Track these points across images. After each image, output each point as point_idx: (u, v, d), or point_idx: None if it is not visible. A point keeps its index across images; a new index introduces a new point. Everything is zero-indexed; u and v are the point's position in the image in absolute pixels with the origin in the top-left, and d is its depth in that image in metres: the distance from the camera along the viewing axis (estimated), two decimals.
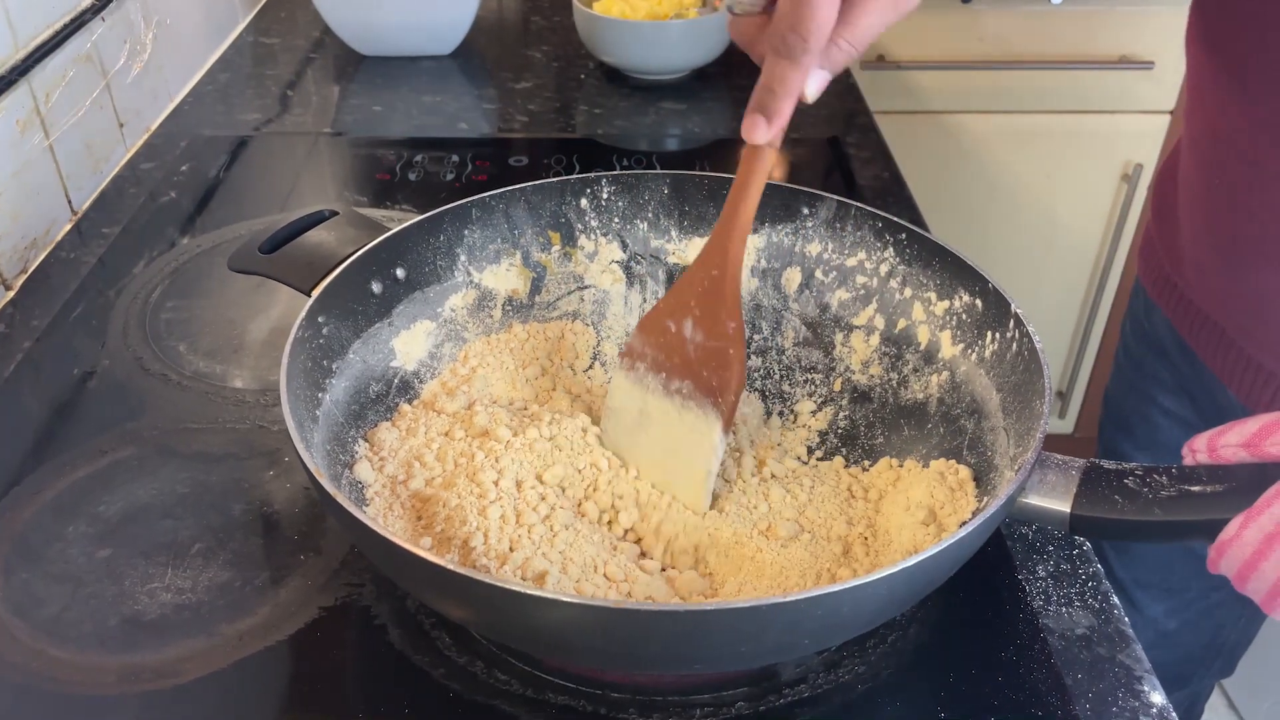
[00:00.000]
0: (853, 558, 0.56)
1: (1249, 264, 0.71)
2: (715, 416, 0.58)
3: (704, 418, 0.58)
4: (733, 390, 0.58)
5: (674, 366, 0.59)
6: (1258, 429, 0.46)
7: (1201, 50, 0.72)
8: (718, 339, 0.58)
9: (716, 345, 0.58)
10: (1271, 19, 0.63)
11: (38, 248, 0.88)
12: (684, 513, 0.58)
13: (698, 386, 0.59)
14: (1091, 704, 0.53)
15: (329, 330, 0.61)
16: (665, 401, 0.60)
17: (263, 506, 0.64)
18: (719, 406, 0.58)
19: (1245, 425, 0.46)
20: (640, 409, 0.61)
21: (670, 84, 1.22)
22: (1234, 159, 0.69)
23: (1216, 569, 0.46)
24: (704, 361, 0.58)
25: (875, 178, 1.02)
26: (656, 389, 0.60)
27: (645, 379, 0.60)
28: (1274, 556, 0.43)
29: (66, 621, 0.57)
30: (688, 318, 0.58)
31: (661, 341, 0.60)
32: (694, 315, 0.58)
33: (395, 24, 1.23)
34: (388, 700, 0.53)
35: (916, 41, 1.53)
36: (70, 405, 0.73)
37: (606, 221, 0.72)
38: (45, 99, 0.89)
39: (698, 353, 0.59)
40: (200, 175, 1.02)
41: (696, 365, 0.59)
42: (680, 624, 0.43)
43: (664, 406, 0.60)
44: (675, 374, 0.59)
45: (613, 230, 0.72)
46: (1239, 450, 0.46)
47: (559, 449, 0.60)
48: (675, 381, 0.59)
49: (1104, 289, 1.72)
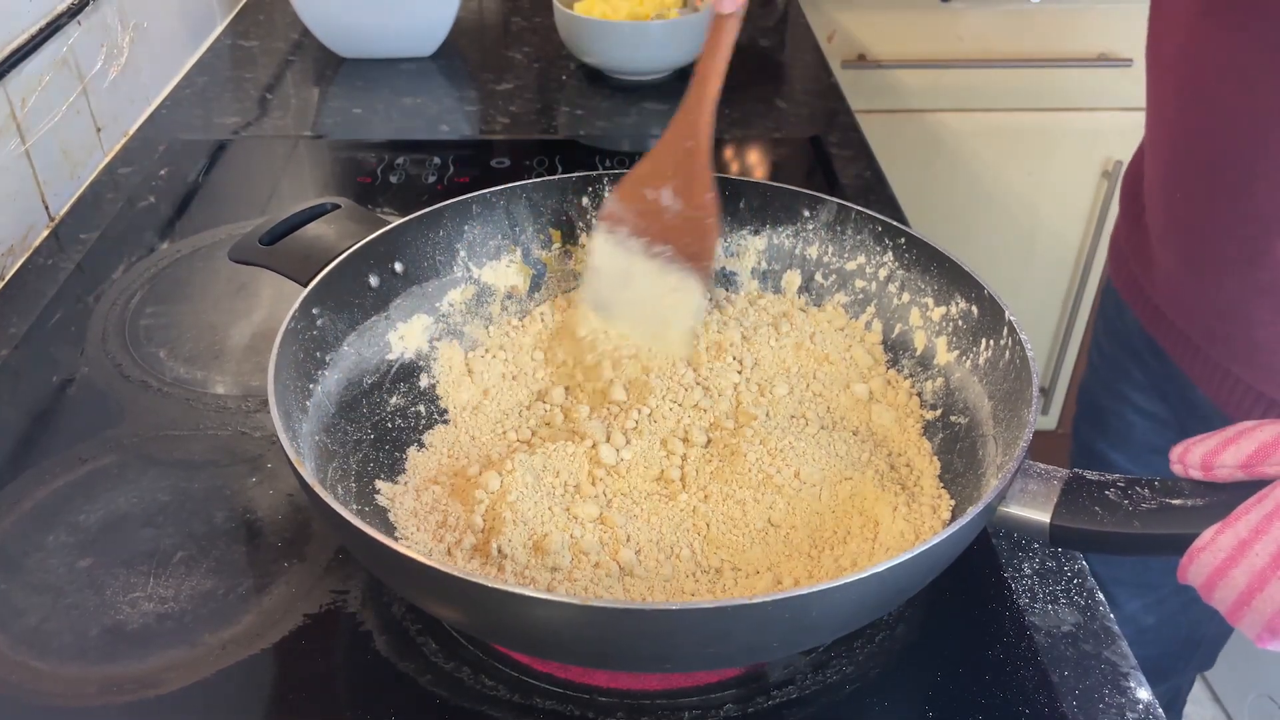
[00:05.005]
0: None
1: (1214, 275, 0.70)
2: (697, 279, 0.63)
3: (685, 280, 0.64)
4: (711, 256, 0.63)
5: (655, 231, 0.64)
6: (1255, 449, 0.44)
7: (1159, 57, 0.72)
8: (696, 209, 0.63)
9: (694, 216, 0.63)
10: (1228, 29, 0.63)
11: (15, 254, 0.87)
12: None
13: (679, 251, 0.63)
14: (1078, 701, 0.53)
15: (323, 322, 0.61)
16: (648, 263, 0.64)
17: (245, 513, 0.64)
18: (699, 270, 0.63)
19: (1239, 445, 0.45)
20: (624, 269, 0.65)
21: (652, 84, 1.21)
22: (1194, 169, 0.69)
23: (1185, 577, 0.45)
24: (683, 229, 0.63)
25: (857, 177, 1.02)
26: (639, 251, 0.64)
27: (627, 242, 0.65)
28: (1244, 563, 0.42)
29: (47, 632, 0.56)
30: (666, 186, 0.63)
31: (641, 208, 0.64)
32: (673, 184, 0.63)
33: (375, 26, 1.22)
34: (374, 707, 0.53)
35: (897, 40, 1.54)
36: (49, 413, 0.72)
37: None
38: (21, 104, 0.88)
39: (676, 220, 0.63)
40: (179, 180, 1.01)
41: (676, 232, 0.63)
42: (645, 623, 0.42)
43: (647, 267, 0.64)
44: (656, 238, 0.64)
45: None
46: (1235, 471, 0.45)
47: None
48: (657, 245, 0.64)
49: (1085, 285, 1.73)
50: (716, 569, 0.54)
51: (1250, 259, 0.66)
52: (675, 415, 0.62)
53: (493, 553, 0.53)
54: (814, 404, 0.64)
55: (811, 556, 0.54)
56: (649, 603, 0.43)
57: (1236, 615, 0.43)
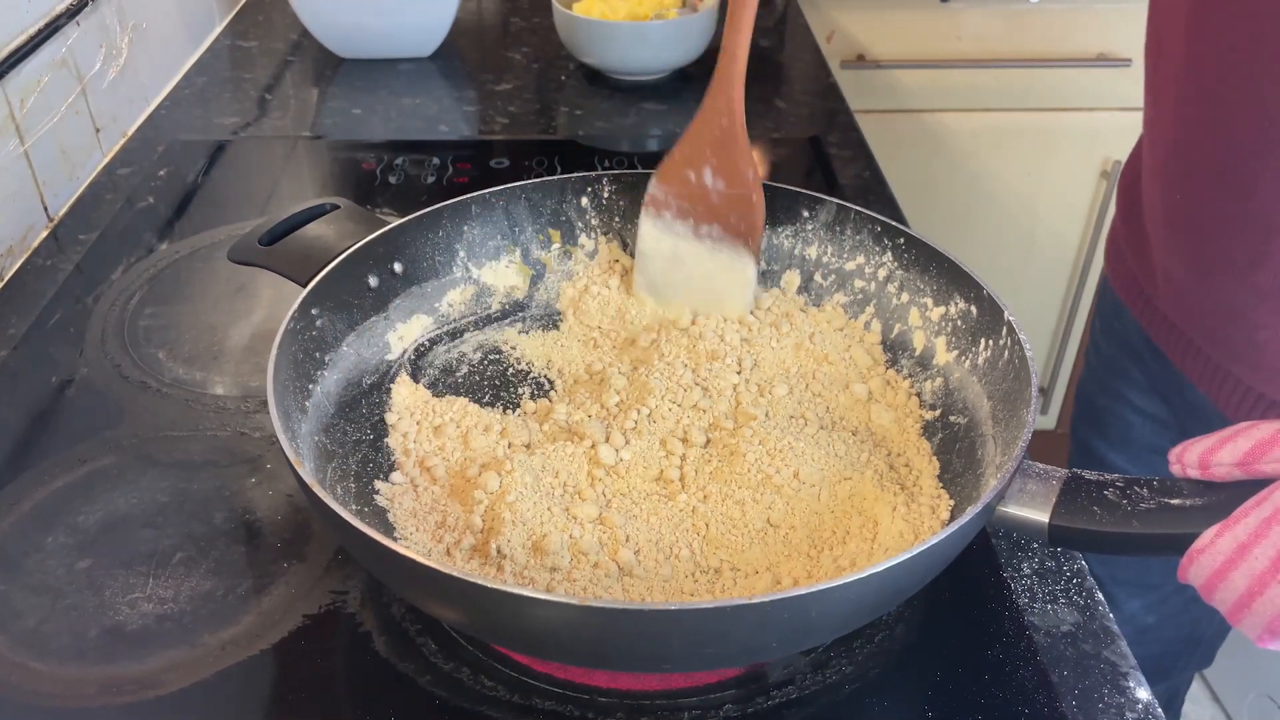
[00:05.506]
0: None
1: (1215, 277, 0.70)
2: (747, 254, 0.65)
3: (736, 256, 0.65)
4: (759, 231, 0.64)
5: (700, 213, 0.65)
6: (1251, 446, 0.44)
7: (1159, 59, 0.72)
8: (739, 186, 0.63)
9: (739, 193, 0.64)
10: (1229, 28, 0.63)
11: (14, 255, 0.87)
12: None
13: (725, 230, 0.65)
14: (1078, 700, 0.53)
15: (322, 322, 0.61)
16: (696, 244, 0.66)
17: (245, 514, 0.64)
18: (749, 246, 0.65)
19: (1237, 443, 0.45)
20: (672, 253, 0.66)
21: (651, 85, 1.21)
22: (1194, 171, 0.69)
23: (1186, 577, 0.45)
24: (728, 208, 0.64)
25: (856, 177, 1.02)
26: (686, 234, 0.66)
27: (673, 225, 0.66)
28: (1244, 566, 0.42)
29: (46, 633, 0.56)
30: (706, 166, 0.64)
31: (684, 190, 0.65)
32: (711, 164, 0.64)
33: (374, 26, 1.22)
34: (374, 708, 0.53)
35: (896, 40, 1.54)
36: (48, 414, 0.72)
37: (607, 220, 0.72)
38: (20, 104, 0.88)
39: (720, 199, 0.64)
40: (178, 180, 1.01)
41: (722, 211, 0.64)
42: (644, 623, 0.42)
43: (696, 249, 0.66)
44: (702, 219, 0.65)
45: (613, 229, 0.73)
46: (1233, 469, 0.45)
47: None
48: (704, 226, 0.65)
49: (1084, 284, 1.73)
50: (715, 569, 0.54)
51: (1252, 261, 0.66)
52: (674, 415, 0.62)
53: (492, 553, 0.53)
54: (813, 404, 0.64)
55: (811, 557, 0.54)
56: (648, 603, 0.43)
57: (1237, 617, 0.44)
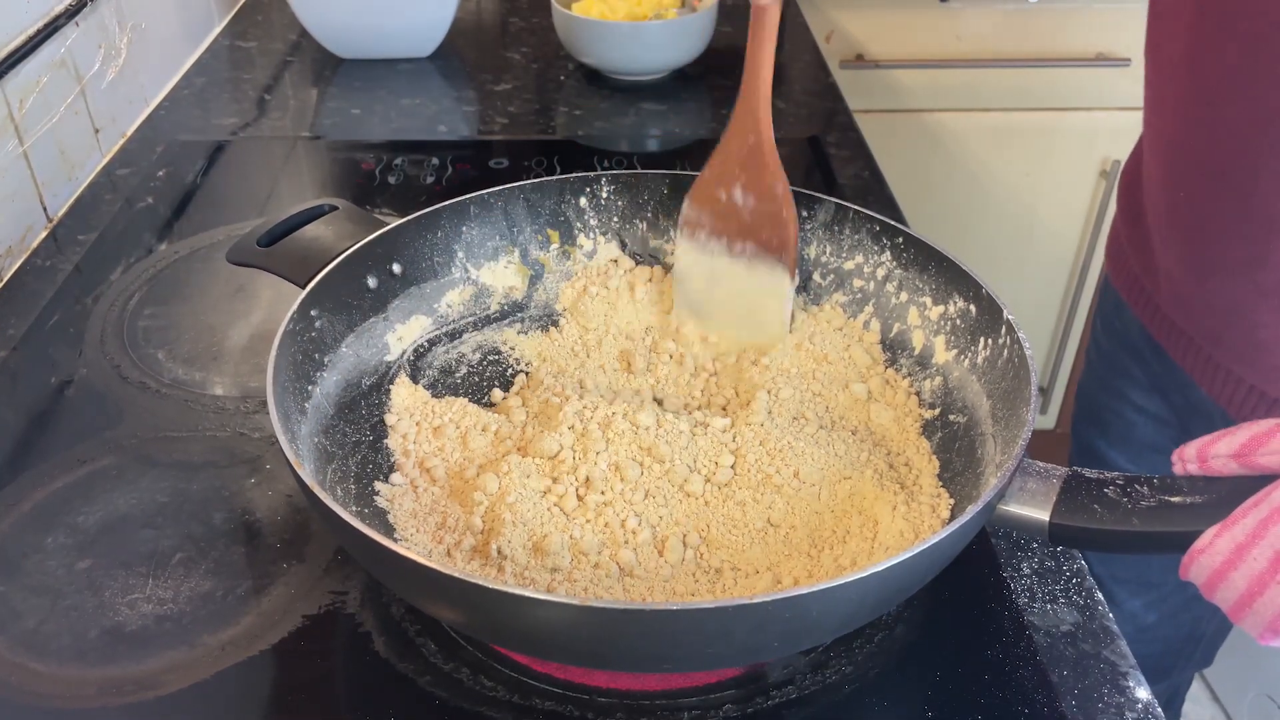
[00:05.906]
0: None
1: (1216, 276, 0.70)
2: (783, 270, 0.65)
3: (771, 272, 0.65)
4: (792, 245, 0.65)
5: (733, 231, 0.66)
6: (1247, 439, 0.45)
7: (1159, 59, 0.72)
8: (769, 202, 0.64)
9: (770, 209, 0.64)
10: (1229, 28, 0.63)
11: (13, 255, 0.87)
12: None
13: (759, 246, 0.65)
14: (1077, 700, 0.53)
15: (321, 324, 0.61)
16: (732, 262, 0.66)
17: (244, 515, 0.64)
18: (783, 260, 0.65)
19: (1234, 436, 0.45)
20: (709, 272, 0.67)
21: (650, 85, 1.21)
22: (1195, 171, 0.69)
23: (1187, 576, 0.45)
24: (760, 224, 0.65)
25: (855, 176, 1.02)
26: (721, 252, 0.66)
27: (708, 244, 0.66)
28: (1243, 567, 0.42)
29: (45, 634, 0.56)
30: (736, 185, 0.64)
31: (716, 209, 0.66)
32: (741, 181, 0.64)
33: (373, 26, 1.22)
34: (373, 709, 0.53)
35: (895, 40, 1.54)
36: (47, 414, 0.72)
37: (606, 220, 0.72)
38: (19, 105, 0.88)
39: (752, 216, 0.65)
40: (177, 181, 1.01)
41: (754, 227, 0.65)
42: (644, 623, 0.42)
43: (731, 267, 0.66)
44: (736, 237, 0.66)
45: (612, 229, 0.73)
46: (1229, 461, 0.45)
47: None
48: (738, 244, 0.66)
49: (1084, 284, 1.73)
50: (716, 569, 0.54)
51: (1253, 261, 0.66)
52: (675, 415, 0.62)
53: (492, 554, 0.53)
54: (813, 404, 0.64)
55: (811, 556, 0.54)
56: (648, 603, 0.43)
57: (1238, 616, 0.44)
